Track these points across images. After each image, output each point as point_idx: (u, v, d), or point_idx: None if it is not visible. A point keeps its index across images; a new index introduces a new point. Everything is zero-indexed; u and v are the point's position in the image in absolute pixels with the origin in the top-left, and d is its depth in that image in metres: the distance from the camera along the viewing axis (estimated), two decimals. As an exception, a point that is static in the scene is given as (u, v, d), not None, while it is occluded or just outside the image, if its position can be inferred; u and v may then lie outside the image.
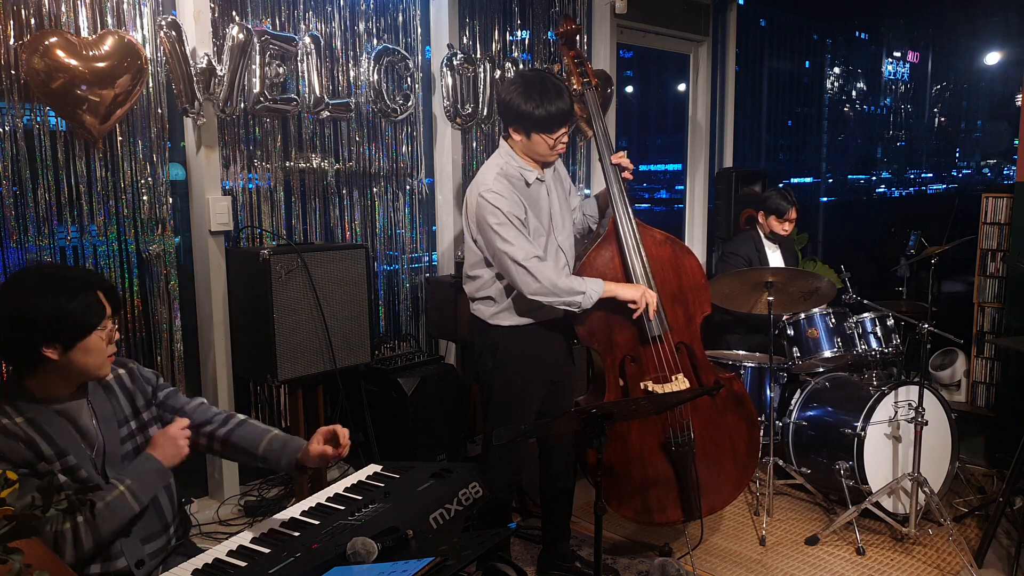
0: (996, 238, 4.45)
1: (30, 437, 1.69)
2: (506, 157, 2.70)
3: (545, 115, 2.57)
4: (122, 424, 1.86)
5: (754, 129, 6.87)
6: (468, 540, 1.61)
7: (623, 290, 2.70)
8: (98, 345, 1.75)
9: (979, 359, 4.60)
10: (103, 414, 1.83)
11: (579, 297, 2.62)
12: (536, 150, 2.67)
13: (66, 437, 1.74)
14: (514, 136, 2.67)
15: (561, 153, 2.74)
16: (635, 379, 2.83)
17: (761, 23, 6.95)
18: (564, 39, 2.97)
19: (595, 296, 2.64)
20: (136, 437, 1.88)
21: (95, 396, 1.84)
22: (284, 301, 2.91)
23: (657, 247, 2.89)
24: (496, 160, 2.72)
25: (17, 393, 1.74)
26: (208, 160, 3.13)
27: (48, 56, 2.60)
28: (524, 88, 2.59)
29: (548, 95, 2.57)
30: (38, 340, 1.69)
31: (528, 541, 3.21)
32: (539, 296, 2.60)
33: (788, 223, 4.09)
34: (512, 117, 2.63)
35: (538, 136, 2.62)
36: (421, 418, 3.38)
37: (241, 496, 3.39)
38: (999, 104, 9.64)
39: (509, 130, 2.68)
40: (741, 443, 3.03)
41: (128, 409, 1.89)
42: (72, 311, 1.71)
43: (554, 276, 2.59)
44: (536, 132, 2.61)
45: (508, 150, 2.72)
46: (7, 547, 1.10)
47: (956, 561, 3.07)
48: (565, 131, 2.65)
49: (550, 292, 2.59)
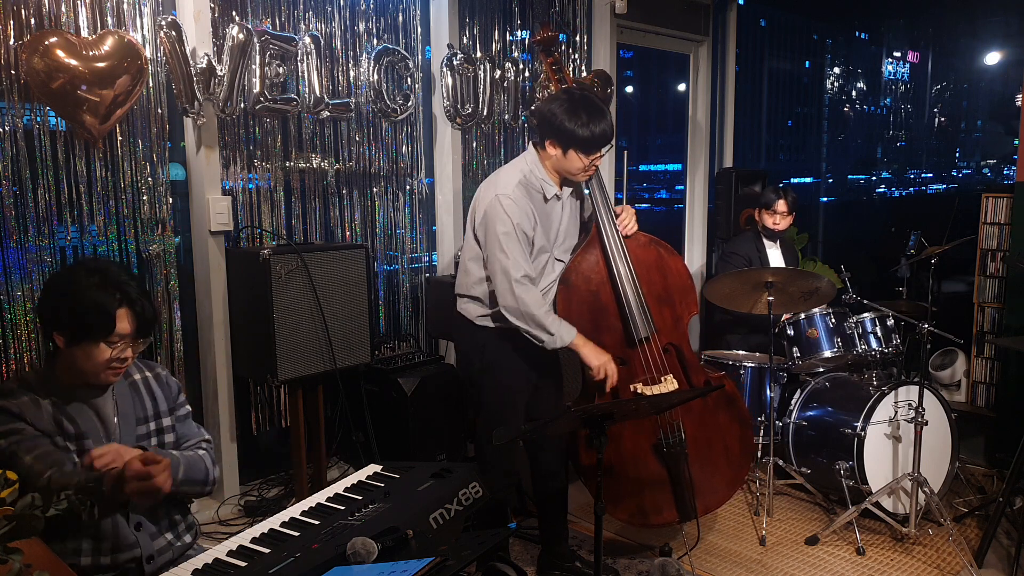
0: (996, 238, 4.45)
1: (55, 415, 1.77)
2: (531, 166, 2.70)
3: (589, 136, 2.57)
4: (140, 423, 1.91)
5: (754, 129, 6.87)
6: (468, 540, 1.61)
7: (589, 353, 2.68)
8: (99, 355, 1.77)
9: (979, 359, 4.60)
10: (124, 410, 1.88)
11: (545, 335, 2.62)
12: (568, 168, 2.66)
13: (88, 423, 1.81)
14: (549, 150, 2.65)
15: (591, 175, 2.73)
16: (624, 382, 2.83)
17: (761, 23, 6.96)
18: (541, 46, 2.99)
19: (559, 344, 2.63)
20: (152, 439, 1.92)
21: (120, 392, 1.89)
22: (284, 301, 2.91)
23: (642, 249, 2.89)
24: (520, 165, 2.71)
25: (48, 376, 1.82)
26: (208, 160, 3.13)
27: (48, 56, 2.60)
28: (570, 105, 2.58)
29: (594, 116, 2.58)
30: (53, 319, 1.77)
31: (528, 541, 3.21)
32: (510, 315, 2.61)
33: (779, 216, 4.07)
34: (552, 131, 2.62)
35: (575, 154, 2.61)
36: (421, 418, 3.38)
37: (241, 496, 3.39)
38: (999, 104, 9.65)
39: (546, 143, 2.66)
40: (734, 442, 3.04)
41: (150, 411, 1.94)
42: (84, 311, 1.74)
43: (533, 305, 2.59)
44: (574, 150, 2.61)
45: (536, 159, 2.71)
46: (7, 547, 1.10)
47: (956, 561, 3.07)
48: (601, 154, 2.66)
49: (521, 317, 2.60)
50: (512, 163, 2.76)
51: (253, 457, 3.54)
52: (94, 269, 1.80)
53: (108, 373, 1.81)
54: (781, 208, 4.06)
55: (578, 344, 2.66)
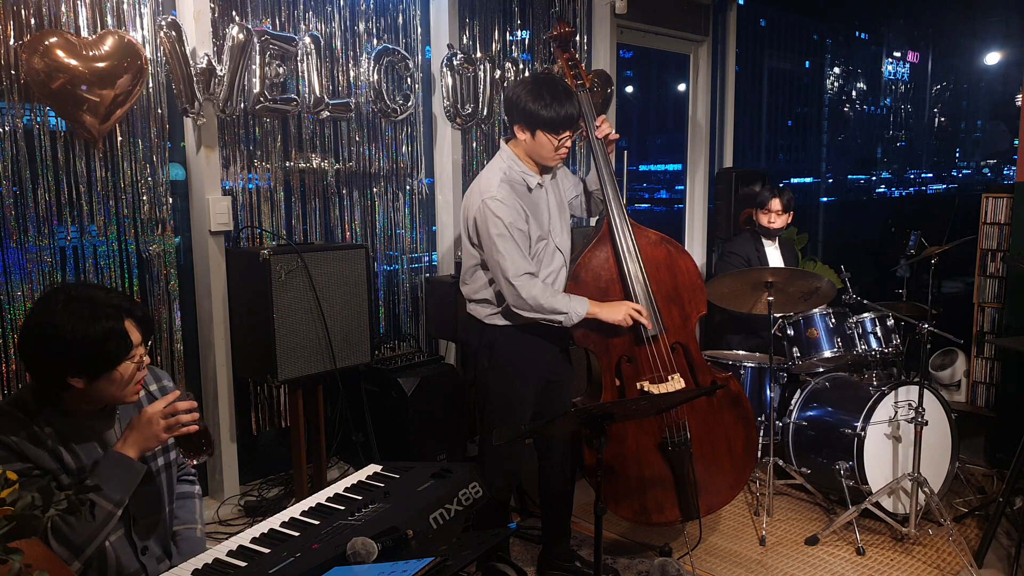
0: (996, 238, 4.45)
1: (56, 449, 1.69)
2: (508, 161, 2.70)
3: (553, 116, 2.58)
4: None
5: (754, 129, 6.87)
6: (468, 540, 1.61)
7: (606, 312, 2.69)
8: (123, 376, 1.72)
9: (979, 359, 4.60)
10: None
11: (561, 317, 2.64)
12: (539, 151, 2.67)
13: (90, 453, 1.74)
14: (519, 135, 2.67)
15: (563, 158, 2.74)
16: (631, 380, 2.83)
17: (761, 23, 6.96)
18: (558, 42, 2.98)
19: (576, 318, 2.65)
20: (157, 459, 1.88)
21: (124, 414, 1.83)
22: (284, 301, 2.91)
23: (652, 248, 2.89)
24: (498, 164, 2.72)
25: (50, 400, 1.72)
26: (208, 160, 3.13)
27: (48, 56, 2.60)
28: (535, 87, 2.61)
29: (558, 97, 2.59)
30: (64, 370, 1.66)
31: (528, 541, 3.21)
32: (521, 311, 2.62)
33: (774, 215, 4.06)
34: (518, 114, 2.63)
35: (543, 135, 2.62)
36: (421, 418, 3.38)
37: (241, 496, 3.39)
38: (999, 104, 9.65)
39: (514, 128, 2.68)
40: (738, 443, 3.03)
41: None
42: (98, 346, 1.65)
43: (540, 296, 2.60)
44: (542, 131, 2.62)
45: (510, 154, 2.72)
46: (7, 547, 1.10)
47: (956, 561, 3.07)
48: (570, 135, 2.66)
49: (532, 310, 2.62)
50: (489, 165, 2.76)
51: (253, 457, 3.54)
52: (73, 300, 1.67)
53: (135, 388, 1.76)
54: (775, 207, 4.05)
55: (594, 311, 2.68)
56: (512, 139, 2.73)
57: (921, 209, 8.99)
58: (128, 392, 1.75)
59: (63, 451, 1.70)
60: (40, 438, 1.68)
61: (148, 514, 1.86)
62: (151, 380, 1.94)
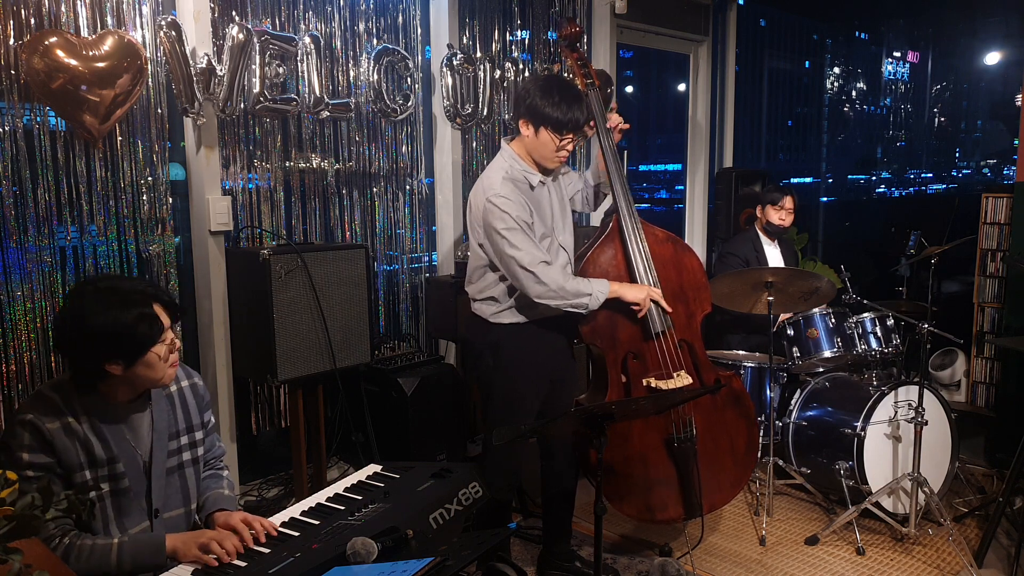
0: (996, 238, 4.45)
1: (88, 439, 1.74)
2: (510, 160, 2.71)
3: (560, 116, 2.60)
4: (172, 438, 1.90)
5: (754, 129, 6.87)
6: (468, 540, 1.61)
7: (628, 291, 2.72)
8: (158, 358, 1.78)
9: (979, 359, 4.60)
10: (159, 426, 1.87)
11: (586, 299, 2.64)
12: (541, 150, 2.67)
13: (121, 444, 1.79)
14: (522, 130, 2.67)
15: (562, 161, 2.75)
16: (637, 376, 2.84)
17: (761, 23, 6.96)
18: (567, 41, 2.98)
19: (601, 297, 2.66)
20: (183, 453, 1.92)
21: (158, 406, 1.88)
22: (284, 301, 2.91)
23: (659, 245, 2.90)
24: (500, 163, 2.72)
25: (88, 390, 1.78)
26: (208, 160, 3.13)
27: (48, 56, 2.60)
28: (546, 84, 2.63)
29: (567, 99, 2.61)
30: (101, 358, 1.72)
31: (528, 541, 3.21)
32: (545, 299, 2.62)
33: (785, 212, 4.08)
34: (526, 108, 2.65)
35: (547, 133, 2.63)
36: (421, 418, 3.38)
37: (241, 496, 3.39)
38: (999, 104, 9.65)
39: (519, 123, 2.68)
40: (740, 441, 3.04)
41: (183, 424, 1.94)
42: (131, 330, 1.72)
43: (561, 280, 2.61)
44: (545, 128, 2.62)
45: (512, 153, 2.72)
46: (7, 547, 1.10)
47: (956, 561, 3.07)
48: (572, 139, 2.67)
49: (557, 295, 2.61)
50: (491, 165, 2.77)
51: (253, 457, 3.54)
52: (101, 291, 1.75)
53: (171, 370, 1.82)
54: (788, 204, 4.07)
55: (616, 290, 2.70)
56: (513, 138, 2.73)
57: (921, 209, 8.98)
58: (165, 374, 1.81)
59: (95, 441, 1.74)
60: (73, 428, 1.73)
61: (171, 508, 1.89)
62: (183, 376, 1.98)
